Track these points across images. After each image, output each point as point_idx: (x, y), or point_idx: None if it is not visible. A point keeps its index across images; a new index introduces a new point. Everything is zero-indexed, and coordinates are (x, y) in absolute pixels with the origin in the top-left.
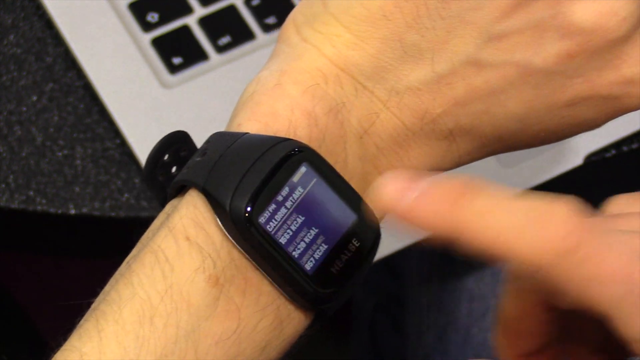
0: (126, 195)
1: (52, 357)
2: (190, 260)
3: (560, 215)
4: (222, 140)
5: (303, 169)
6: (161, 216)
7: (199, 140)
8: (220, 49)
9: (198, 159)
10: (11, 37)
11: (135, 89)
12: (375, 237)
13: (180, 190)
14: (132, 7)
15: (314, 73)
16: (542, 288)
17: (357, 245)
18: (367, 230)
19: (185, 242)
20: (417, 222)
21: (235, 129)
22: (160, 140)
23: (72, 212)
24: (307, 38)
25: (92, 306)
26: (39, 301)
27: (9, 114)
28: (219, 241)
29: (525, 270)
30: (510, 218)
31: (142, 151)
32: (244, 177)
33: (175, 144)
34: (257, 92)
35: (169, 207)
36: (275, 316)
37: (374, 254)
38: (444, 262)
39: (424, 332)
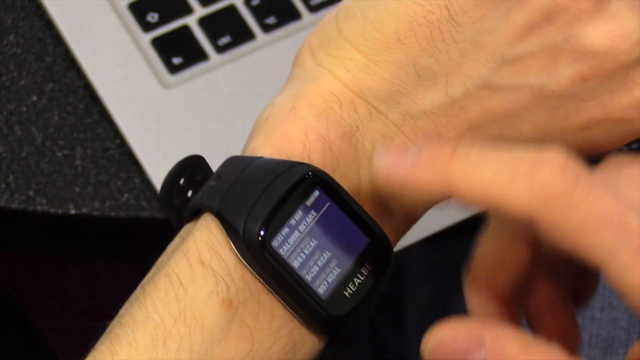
0: (126, 195)
1: None
2: (204, 284)
3: (551, 162)
4: (237, 164)
5: (316, 193)
6: (176, 240)
7: (199, 142)
8: (220, 49)
9: (213, 183)
10: (11, 37)
11: (135, 89)
12: (388, 261)
13: (196, 214)
14: (132, 7)
15: (328, 97)
16: (536, 236)
17: (370, 268)
18: (380, 253)
19: (199, 265)
20: (415, 184)
21: (249, 153)
22: (176, 164)
23: (72, 212)
24: (321, 62)
25: (107, 329)
26: (38, 301)
27: (9, 114)
28: (233, 265)
29: (519, 219)
30: (499, 168)
31: (142, 151)
32: (257, 200)
33: (191, 168)
34: (272, 116)
35: (184, 230)
36: (288, 339)
37: (388, 277)
38: (445, 262)
39: (424, 332)
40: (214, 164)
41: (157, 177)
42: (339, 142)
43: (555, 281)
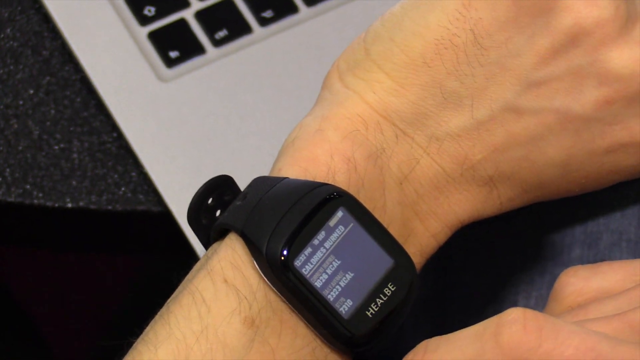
0: (123, 188)
1: None
2: (227, 302)
3: (510, 322)
4: (262, 185)
5: (340, 214)
6: (202, 259)
7: (196, 136)
8: (217, 43)
9: (239, 202)
10: (8, 30)
11: (132, 83)
12: (411, 282)
13: (222, 234)
14: (129, 1)
15: (354, 119)
16: None
17: (393, 289)
18: (403, 275)
19: (222, 284)
20: None
21: (275, 173)
22: (204, 184)
23: (69, 205)
24: (349, 85)
25: (133, 346)
26: (36, 295)
27: (5, 107)
28: (256, 283)
29: None
30: (466, 351)
31: (139, 145)
32: (281, 220)
33: (219, 188)
34: (299, 137)
35: (210, 250)
36: (310, 358)
37: (412, 299)
38: (441, 257)
39: (422, 328)
40: (212, 158)
41: (154, 170)
42: (365, 163)
43: None
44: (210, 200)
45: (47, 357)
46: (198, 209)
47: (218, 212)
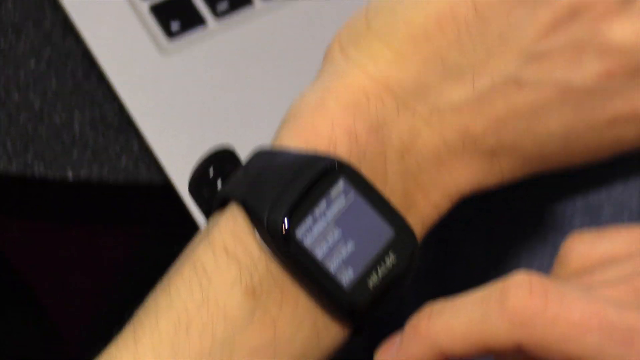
0: (124, 160)
1: None
2: (228, 273)
3: (515, 286)
4: (264, 156)
5: (341, 185)
6: (203, 230)
7: (197, 108)
8: (219, 15)
9: (240, 173)
10: (9, 3)
11: (134, 55)
12: (412, 252)
13: (223, 205)
14: None
15: (356, 91)
16: None
17: (394, 260)
18: (404, 245)
19: (223, 254)
20: None
21: (277, 144)
22: (205, 155)
23: (71, 177)
24: (350, 57)
25: (134, 316)
26: (36, 267)
27: (6, 79)
28: (257, 254)
29: (507, 350)
30: (471, 310)
31: (141, 116)
32: (282, 191)
33: (221, 159)
34: (300, 109)
35: (211, 221)
36: (312, 328)
37: (413, 269)
38: (441, 229)
39: (422, 299)
40: (213, 129)
41: (156, 142)
42: (366, 135)
43: None
44: (211, 171)
45: (48, 329)
46: (199, 180)
47: (219, 183)
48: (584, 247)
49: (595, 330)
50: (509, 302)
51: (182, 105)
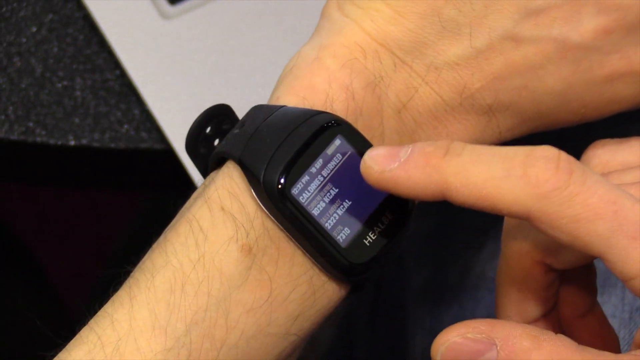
0: (126, 126)
1: (86, 323)
2: (224, 230)
3: (543, 157)
4: (260, 113)
5: (337, 142)
6: (200, 188)
7: (198, 73)
8: None
9: (236, 131)
10: None
11: (135, 20)
12: (409, 210)
13: (220, 163)
14: None
15: (352, 47)
16: (537, 240)
17: (390, 217)
18: (401, 203)
19: (219, 212)
20: (408, 183)
21: (274, 102)
22: (202, 113)
23: (72, 143)
24: (347, 13)
25: (130, 274)
26: (38, 232)
27: (8, 45)
28: (253, 212)
29: (515, 215)
30: (493, 165)
31: (142, 82)
32: (278, 148)
33: (218, 117)
34: (297, 66)
35: (208, 179)
36: (308, 286)
37: (409, 226)
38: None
39: (423, 263)
40: (214, 95)
41: (157, 108)
42: (363, 91)
43: (580, 288)
44: (208, 129)
45: (50, 295)
46: (196, 138)
47: (216, 142)
48: (605, 154)
49: (608, 218)
50: (534, 170)
51: (183, 70)
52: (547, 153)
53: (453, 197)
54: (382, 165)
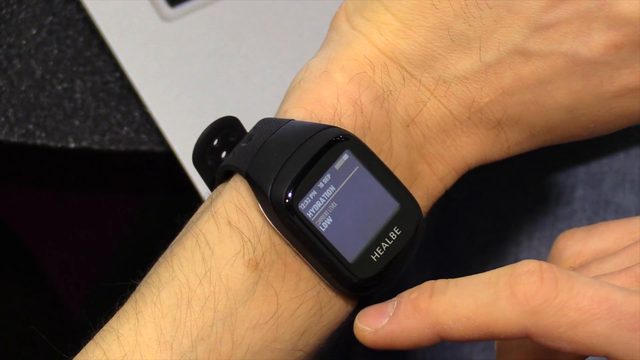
0: (126, 128)
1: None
2: (231, 245)
3: (526, 273)
4: (268, 126)
5: (345, 157)
6: (207, 201)
7: (198, 75)
8: None
9: (244, 144)
10: None
11: (135, 22)
12: (417, 226)
13: (227, 176)
14: None
15: (361, 61)
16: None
17: (398, 233)
18: (409, 218)
19: (226, 226)
20: (402, 338)
21: (281, 115)
22: (210, 125)
23: (72, 145)
24: (356, 26)
25: (136, 288)
26: (39, 236)
27: (8, 47)
28: (260, 226)
29: (513, 337)
30: (478, 297)
31: (142, 84)
32: (286, 163)
33: (225, 129)
34: (305, 79)
35: (214, 192)
36: (314, 302)
37: (417, 242)
38: (444, 197)
39: (423, 266)
40: (215, 98)
41: (157, 110)
42: (371, 105)
43: None
44: (215, 141)
45: (50, 298)
46: (203, 150)
47: (224, 154)
48: (576, 244)
49: (604, 317)
50: (520, 287)
51: (183, 73)
52: (528, 267)
53: (449, 335)
54: (373, 324)
